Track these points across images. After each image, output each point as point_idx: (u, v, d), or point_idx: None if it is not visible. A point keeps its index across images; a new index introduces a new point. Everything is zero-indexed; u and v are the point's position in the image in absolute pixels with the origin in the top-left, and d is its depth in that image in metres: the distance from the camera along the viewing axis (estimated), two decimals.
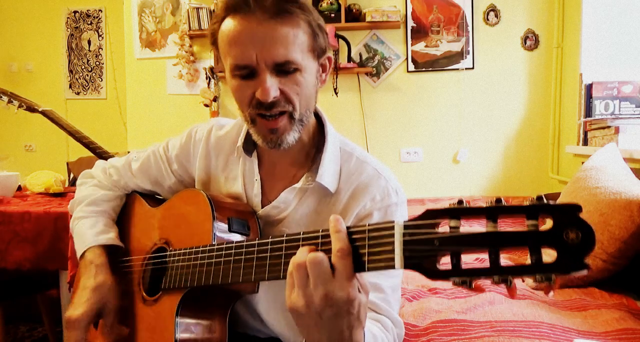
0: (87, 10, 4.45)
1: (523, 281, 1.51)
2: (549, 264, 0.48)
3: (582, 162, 1.87)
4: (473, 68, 3.08)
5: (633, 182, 1.52)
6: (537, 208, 0.49)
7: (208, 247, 0.80)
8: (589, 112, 2.50)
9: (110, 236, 1.01)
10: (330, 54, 0.90)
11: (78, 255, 1.01)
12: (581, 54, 2.63)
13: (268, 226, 0.92)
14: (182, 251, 0.85)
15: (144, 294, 0.92)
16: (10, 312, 2.26)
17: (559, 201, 1.76)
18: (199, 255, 0.81)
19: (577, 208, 0.48)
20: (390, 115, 3.18)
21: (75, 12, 4.47)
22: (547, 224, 0.49)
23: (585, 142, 2.51)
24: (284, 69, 0.80)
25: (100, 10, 4.43)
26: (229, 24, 0.80)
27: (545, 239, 0.48)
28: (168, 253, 0.88)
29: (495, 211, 0.51)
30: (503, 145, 3.09)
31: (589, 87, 2.50)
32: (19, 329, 2.50)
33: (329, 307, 0.60)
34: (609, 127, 2.22)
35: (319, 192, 0.89)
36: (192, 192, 0.93)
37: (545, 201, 0.49)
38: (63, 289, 1.73)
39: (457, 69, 3.09)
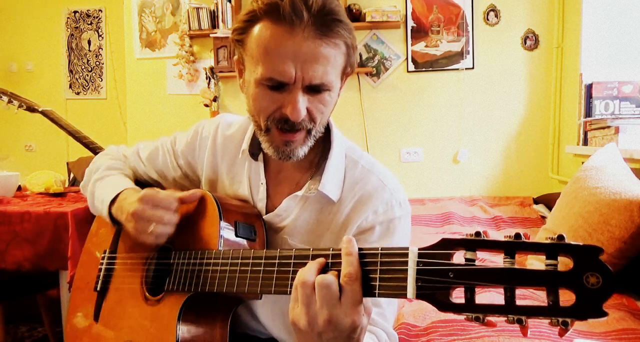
0: (87, 10, 4.45)
1: None
2: (566, 308, 0.46)
3: (582, 162, 1.87)
4: (473, 68, 3.08)
5: (633, 182, 1.52)
6: (557, 247, 0.47)
7: (214, 254, 0.79)
8: (589, 112, 2.50)
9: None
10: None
11: (109, 198, 0.95)
12: (581, 54, 2.63)
13: (270, 231, 0.91)
14: (188, 254, 0.84)
15: (147, 293, 0.92)
16: (10, 312, 2.26)
17: (559, 201, 1.76)
18: (205, 260, 0.80)
19: (598, 251, 0.46)
20: (390, 115, 3.17)
21: (75, 12, 4.46)
22: (567, 264, 0.47)
23: (585, 142, 2.51)
24: (316, 89, 0.78)
25: (100, 10, 4.43)
26: (268, 31, 0.75)
27: (564, 280, 0.47)
28: (173, 254, 0.88)
29: (513, 246, 0.49)
30: (503, 145, 3.09)
31: (589, 87, 2.50)
32: (19, 329, 2.50)
33: (331, 330, 0.58)
34: (609, 127, 2.22)
35: (321, 200, 0.88)
36: (199, 193, 0.92)
37: (566, 240, 0.47)
38: (63, 289, 1.73)
39: (457, 69, 3.09)
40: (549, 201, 2.50)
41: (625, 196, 1.42)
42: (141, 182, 1.12)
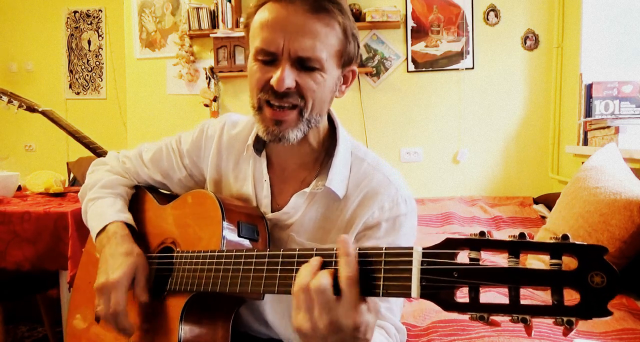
0: (87, 10, 4.45)
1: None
2: (571, 307, 0.46)
3: (582, 162, 1.87)
4: (473, 68, 3.08)
5: (633, 182, 1.52)
6: (562, 247, 0.48)
7: (217, 253, 0.79)
8: (589, 112, 2.50)
9: (130, 217, 1.00)
10: (355, 67, 0.89)
11: (96, 231, 0.98)
12: (581, 54, 2.63)
13: (276, 229, 0.91)
14: (190, 254, 0.84)
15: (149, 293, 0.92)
16: (10, 312, 2.26)
17: (559, 201, 1.76)
18: (207, 260, 0.80)
19: (603, 250, 0.46)
20: (390, 115, 3.17)
21: (75, 12, 4.46)
22: (571, 263, 0.47)
23: (585, 142, 2.51)
24: (306, 65, 0.79)
25: (100, 10, 4.43)
26: (266, 10, 0.80)
27: (569, 280, 0.47)
28: (175, 254, 0.88)
29: (518, 246, 0.49)
30: (503, 145, 3.09)
31: (589, 87, 2.50)
32: (19, 329, 2.50)
33: (334, 333, 0.59)
34: (609, 127, 2.22)
35: (328, 197, 0.88)
36: (202, 193, 0.92)
37: (570, 240, 0.48)
38: (63, 289, 1.73)
39: (457, 69, 3.09)
40: (549, 201, 2.50)
41: (625, 196, 1.42)
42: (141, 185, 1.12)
